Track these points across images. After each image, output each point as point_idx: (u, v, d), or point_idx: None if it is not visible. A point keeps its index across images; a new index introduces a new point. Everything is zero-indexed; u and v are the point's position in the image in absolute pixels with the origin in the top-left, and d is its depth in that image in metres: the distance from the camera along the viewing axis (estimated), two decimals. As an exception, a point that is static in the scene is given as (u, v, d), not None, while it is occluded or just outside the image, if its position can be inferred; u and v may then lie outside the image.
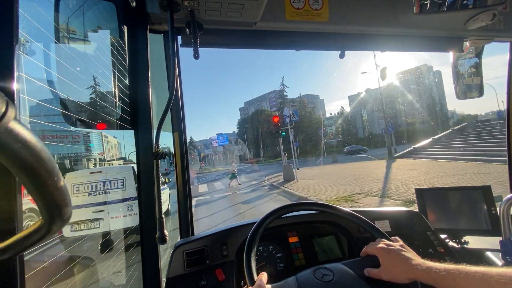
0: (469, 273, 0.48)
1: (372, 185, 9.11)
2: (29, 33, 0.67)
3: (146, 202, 0.89)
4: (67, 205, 0.29)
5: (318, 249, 1.00)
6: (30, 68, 0.77)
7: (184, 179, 1.04)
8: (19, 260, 0.45)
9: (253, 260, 0.65)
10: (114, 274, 3.15)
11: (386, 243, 0.66)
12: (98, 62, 0.93)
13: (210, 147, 50.59)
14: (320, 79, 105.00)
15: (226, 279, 0.84)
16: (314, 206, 0.84)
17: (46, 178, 0.26)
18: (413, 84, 49.59)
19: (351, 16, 1.01)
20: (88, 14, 0.89)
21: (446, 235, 1.16)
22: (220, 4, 0.81)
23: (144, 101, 0.90)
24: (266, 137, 48.78)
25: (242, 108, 72.60)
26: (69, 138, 13.03)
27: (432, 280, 0.53)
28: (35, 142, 0.24)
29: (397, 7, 1.03)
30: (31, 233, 0.30)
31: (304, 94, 64.09)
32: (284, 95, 48.53)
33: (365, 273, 0.62)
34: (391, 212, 1.12)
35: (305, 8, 0.96)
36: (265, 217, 0.76)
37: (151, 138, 0.89)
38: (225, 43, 1.02)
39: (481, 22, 1.00)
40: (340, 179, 11.61)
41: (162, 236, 0.83)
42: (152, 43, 0.94)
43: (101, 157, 38.18)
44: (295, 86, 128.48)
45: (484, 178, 8.11)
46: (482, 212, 1.08)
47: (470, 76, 1.42)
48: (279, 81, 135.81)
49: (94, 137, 37.21)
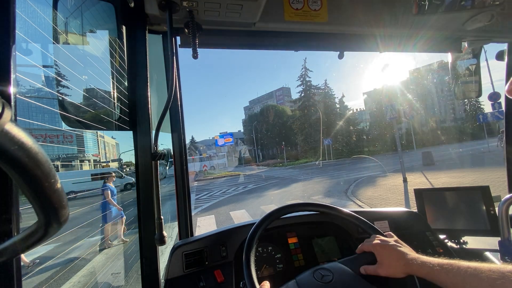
0: (461, 268, 0.49)
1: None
2: (26, 34, 0.66)
3: (145, 203, 0.89)
4: (64, 208, 0.29)
5: (318, 250, 1.00)
6: (27, 69, 0.76)
7: (183, 180, 1.04)
8: (15, 263, 0.45)
9: (253, 263, 0.65)
10: (113, 275, 3.14)
11: (381, 239, 0.67)
12: (97, 62, 0.93)
13: (214, 147, 46.73)
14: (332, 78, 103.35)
15: (225, 280, 0.83)
16: (313, 206, 0.84)
17: (43, 180, 0.26)
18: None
19: (350, 16, 1.01)
20: (86, 14, 0.88)
21: (445, 235, 1.16)
22: (219, 4, 0.80)
23: (142, 101, 0.90)
24: (284, 134, 40.67)
25: (247, 107, 70.77)
26: (60, 138, 12.79)
27: (426, 274, 0.54)
28: (32, 144, 0.24)
29: (396, 8, 1.03)
30: (28, 236, 0.29)
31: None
32: (307, 80, 37.04)
33: (362, 271, 0.63)
34: (390, 213, 1.12)
35: (304, 9, 0.96)
36: (264, 218, 0.76)
37: (150, 139, 0.89)
38: (224, 44, 1.02)
39: (479, 23, 1.00)
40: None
41: (161, 237, 0.83)
42: (151, 43, 0.93)
43: (96, 159, 37.62)
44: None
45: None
46: (480, 212, 1.08)
47: (469, 76, 1.43)
48: (284, 81, 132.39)
49: (89, 138, 36.74)
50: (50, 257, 4.04)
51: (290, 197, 9.00)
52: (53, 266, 3.80)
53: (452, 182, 8.09)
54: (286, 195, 9.55)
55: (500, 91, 10.23)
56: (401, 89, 36.87)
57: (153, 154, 0.84)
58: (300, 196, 8.99)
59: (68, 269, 3.62)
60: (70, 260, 3.91)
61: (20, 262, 0.46)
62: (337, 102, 37.97)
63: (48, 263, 3.82)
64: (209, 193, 11.82)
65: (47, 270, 3.67)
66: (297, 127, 36.38)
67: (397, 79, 43.27)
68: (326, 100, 36.54)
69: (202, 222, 6.44)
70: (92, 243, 4.37)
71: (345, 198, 7.69)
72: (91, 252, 4.13)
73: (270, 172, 22.48)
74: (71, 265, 3.69)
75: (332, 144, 29.55)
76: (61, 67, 0.84)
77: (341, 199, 7.69)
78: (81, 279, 3.36)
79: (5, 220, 0.42)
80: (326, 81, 50.72)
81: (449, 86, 41.95)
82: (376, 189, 8.42)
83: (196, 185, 16.89)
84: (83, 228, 4.68)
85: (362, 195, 7.75)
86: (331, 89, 38.07)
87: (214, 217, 6.93)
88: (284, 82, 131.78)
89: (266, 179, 15.89)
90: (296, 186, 11.66)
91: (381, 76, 50.63)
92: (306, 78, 37.39)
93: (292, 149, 41.05)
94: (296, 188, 11.07)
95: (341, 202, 7.24)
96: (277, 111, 43.70)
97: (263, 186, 12.65)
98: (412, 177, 9.57)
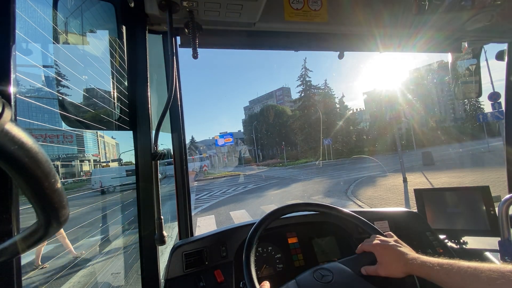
0: (461, 268, 0.49)
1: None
2: (26, 34, 0.66)
3: (145, 203, 0.89)
4: (64, 207, 0.29)
5: (317, 250, 1.00)
6: (27, 69, 0.76)
7: (183, 180, 1.04)
8: (15, 263, 0.45)
9: (253, 263, 0.65)
10: (113, 275, 3.14)
11: (381, 239, 0.67)
12: (97, 62, 0.93)
13: (214, 147, 46.34)
14: (332, 78, 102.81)
15: (225, 280, 0.83)
16: (313, 206, 0.84)
17: (43, 180, 0.26)
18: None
19: (350, 17, 1.01)
20: (86, 14, 0.88)
21: (445, 236, 1.16)
22: (219, 4, 0.80)
23: (142, 101, 0.90)
24: (284, 134, 40.39)
25: (247, 107, 70.37)
26: (60, 138, 12.89)
27: (426, 274, 0.54)
28: (32, 144, 0.24)
29: (396, 8, 1.03)
30: (28, 236, 0.29)
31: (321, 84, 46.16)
32: (306, 80, 37.17)
33: (363, 271, 0.63)
34: (390, 213, 1.12)
35: (304, 9, 0.96)
36: (264, 218, 0.76)
37: (150, 138, 0.89)
38: (224, 44, 1.02)
39: (479, 23, 1.00)
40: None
41: (161, 237, 0.83)
42: (151, 43, 0.93)
43: (96, 159, 37.75)
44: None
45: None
46: (480, 213, 1.08)
47: (469, 76, 1.43)
48: (284, 81, 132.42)
49: (89, 138, 36.79)
50: (52, 257, 4.04)
51: (290, 197, 9.01)
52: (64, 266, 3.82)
53: (452, 182, 8.09)
54: (286, 195, 9.55)
55: (500, 91, 10.21)
56: (401, 89, 36.76)
57: (153, 154, 0.84)
58: (300, 196, 9.01)
59: (70, 267, 3.63)
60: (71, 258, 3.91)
61: (20, 262, 0.46)
62: (337, 102, 37.93)
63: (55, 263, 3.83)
64: (209, 193, 11.77)
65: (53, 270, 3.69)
66: (297, 127, 36.33)
67: (397, 79, 42.95)
68: (326, 100, 36.41)
69: (202, 222, 6.45)
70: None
71: (345, 198, 7.69)
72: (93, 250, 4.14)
73: (270, 172, 22.38)
74: (73, 264, 3.70)
75: (332, 144, 29.52)
76: (61, 67, 0.84)
77: (341, 199, 7.69)
78: (81, 279, 3.36)
79: (5, 220, 0.42)
80: (326, 81, 51.16)
81: (449, 86, 41.79)
82: (376, 189, 8.42)
83: (196, 185, 16.73)
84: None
85: (362, 195, 7.75)
86: (331, 89, 38.21)
87: (214, 217, 6.94)
88: (284, 82, 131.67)
89: (266, 179, 15.80)
90: (296, 186, 11.66)
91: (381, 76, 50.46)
92: (306, 78, 37.42)
93: (292, 149, 40.89)
94: (296, 188, 11.05)
95: (341, 202, 7.25)
96: (277, 111, 43.57)
97: (263, 186, 12.61)
98: (412, 177, 9.57)
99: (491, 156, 13.51)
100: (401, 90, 34.92)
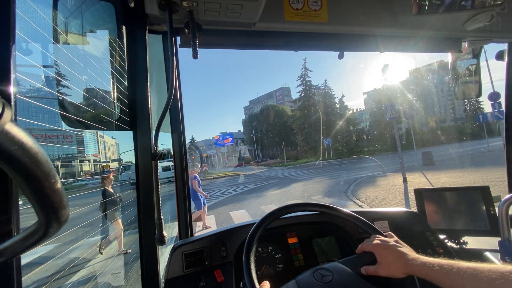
0: (461, 268, 0.49)
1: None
2: (26, 34, 0.66)
3: (145, 203, 0.89)
4: (64, 208, 0.29)
5: (317, 250, 1.00)
6: (27, 69, 0.76)
7: (183, 180, 1.04)
8: (15, 263, 0.45)
9: (253, 263, 0.65)
10: (113, 275, 3.14)
11: (381, 239, 0.67)
12: (97, 62, 0.93)
13: (214, 147, 46.28)
14: (332, 78, 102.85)
15: (225, 280, 0.83)
16: (313, 206, 0.84)
17: (43, 180, 0.26)
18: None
19: (350, 16, 1.01)
20: (86, 14, 0.88)
21: (445, 236, 1.16)
22: (219, 4, 0.80)
23: (142, 101, 0.90)
24: (284, 134, 40.57)
25: (247, 107, 70.22)
26: (60, 138, 12.91)
27: (426, 274, 0.54)
28: (32, 144, 0.24)
29: (396, 8, 1.03)
30: (28, 236, 0.29)
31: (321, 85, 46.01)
32: (306, 80, 37.09)
33: (363, 271, 0.63)
34: (390, 213, 1.12)
35: (304, 9, 0.96)
36: (264, 218, 0.76)
37: (150, 138, 0.89)
38: (224, 44, 1.02)
39: (479, 23, 1.00)
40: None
41: (161, 237, 0.83)
42: (151, 43, 0.93)
43: (96, 159, 37.81)
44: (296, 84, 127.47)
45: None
46: (480, 213, 1.08)
47: (469, 76, 1.43)
48: (284, 81, 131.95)
49: (89, 138, 36.82)
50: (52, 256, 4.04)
51: (290, 197, 9.03)
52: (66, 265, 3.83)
53: (452, 182, 8.09)
54: (286, 195, 9.56)
55: (500, 91, 10.23)
56: (401, 89, 36.75)
57: (153, 154, 0.84)
58: (300, 196, 9.04)
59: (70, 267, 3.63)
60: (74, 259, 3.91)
61: (20, 262, 0.46)
62: (337, 102, 38.01)
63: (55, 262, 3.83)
64: (209, 193, 11.71)
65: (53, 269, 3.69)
66: (297, 127, 36.35)
67: (397, 79, 42.91)
68: (326, 100, 36.56)
69: (202, 222, 6.46)
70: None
71: (345, 198, 7.69)
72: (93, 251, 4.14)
73: (270, 172, 22.49)
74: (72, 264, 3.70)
75: (332, 144, 29.62)
76: (61, 67, 0.84)
77: (341, 199, 7.69)
78: (81, 279, 3.36)
79: (5, 220, 0.42)
80: (326, 81, 50.85)
81: (449, 86, 41.86)
82: (376, 189, 8.42)
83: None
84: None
85: (362, 195, 7.75)
86: (331, 89, 38.23)
87: (214, 217, 6.98)
88: (284, 82, 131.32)
89: (266, 179, 15.86)
90: (296, 186, 11.69)
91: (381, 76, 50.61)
92: (306, 78, 37.42)
93: (292, 149, 40.96)
94: (296, 188, 11.07)
95: (341, 202, 7.25)
96: (277, 111, 43.54)
97: (263, 186, 12.60)
98: (412, 177, 9.57)
99: (491, 156, 13.52)
100: (401, 90, 35.10)
